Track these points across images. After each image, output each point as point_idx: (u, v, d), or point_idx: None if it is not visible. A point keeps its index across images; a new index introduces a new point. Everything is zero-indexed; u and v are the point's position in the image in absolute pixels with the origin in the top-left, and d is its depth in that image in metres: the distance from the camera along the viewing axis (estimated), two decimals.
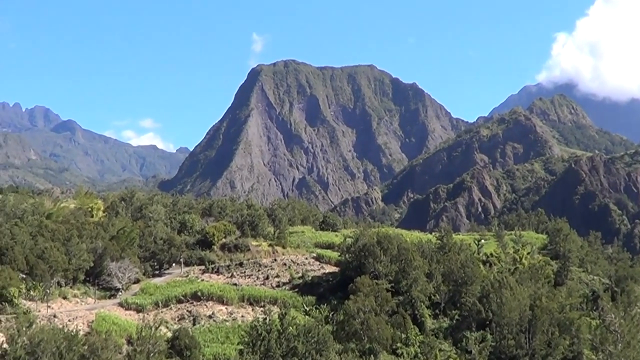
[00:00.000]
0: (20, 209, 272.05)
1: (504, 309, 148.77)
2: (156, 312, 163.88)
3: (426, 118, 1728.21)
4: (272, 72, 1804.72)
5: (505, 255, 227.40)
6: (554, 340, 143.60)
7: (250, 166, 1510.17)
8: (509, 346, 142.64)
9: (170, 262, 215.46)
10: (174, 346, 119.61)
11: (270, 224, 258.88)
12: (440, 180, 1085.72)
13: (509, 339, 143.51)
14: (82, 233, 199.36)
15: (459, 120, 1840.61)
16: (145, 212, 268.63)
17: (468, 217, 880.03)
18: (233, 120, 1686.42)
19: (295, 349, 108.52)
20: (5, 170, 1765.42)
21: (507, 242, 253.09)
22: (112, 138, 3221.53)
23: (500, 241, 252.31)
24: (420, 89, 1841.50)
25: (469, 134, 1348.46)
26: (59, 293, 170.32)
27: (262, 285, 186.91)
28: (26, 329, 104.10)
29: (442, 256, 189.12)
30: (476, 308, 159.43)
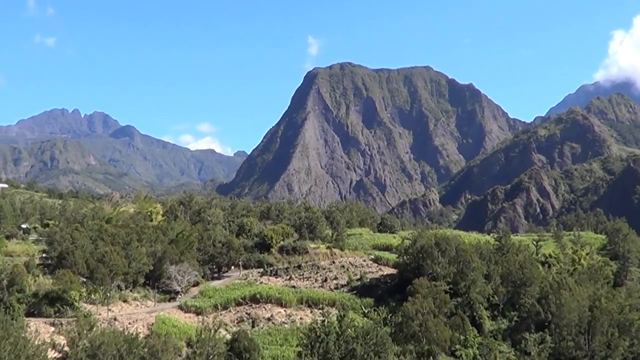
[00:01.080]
0: (81, 214, 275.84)
1: (563, 310, 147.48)
2: (215, 314, 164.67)
3: (483, 119, 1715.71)
4: (328, 75, 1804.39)
5: (564, 256, 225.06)
6: (614, 341, 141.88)
7: (308, 169, 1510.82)
8: (568, 347, 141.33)
9: (229, 265, 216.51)
10: (233, 348, 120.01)
11: (328, 227, 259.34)
12: (498, 181, 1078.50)
13: (568, 340, 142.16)
14: (141, 237, 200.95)
15: (516, 120, 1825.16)
16: (204, 216, 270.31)
17: (526, 217, 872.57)
18: (290, 124, 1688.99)
19: (354, 351, 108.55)
20: (65, 176, 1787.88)
21: (565, 242, 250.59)
22: (170, 143, 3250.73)
23: (559, 242, 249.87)
24: (476, 90, 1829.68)
25: (527, 134, 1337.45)
26: (119, 296, 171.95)
27: (321, 288, 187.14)
28: (87, 332, 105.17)
29: (501, 257, 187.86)
30: (535, 309, 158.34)
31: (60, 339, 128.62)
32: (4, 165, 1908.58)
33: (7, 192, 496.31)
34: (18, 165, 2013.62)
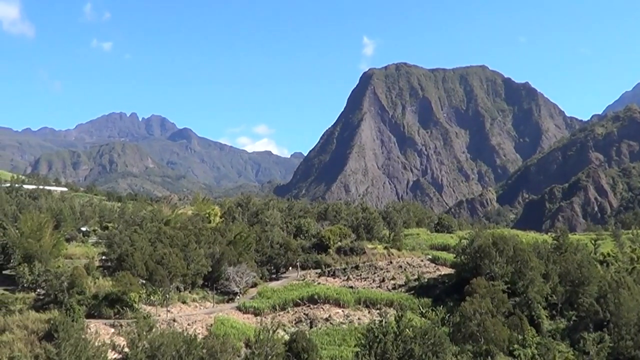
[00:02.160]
0: (139, 216, 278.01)
1: (622, 309, 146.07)
2: (273, 315, 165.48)
3: (539, 117, 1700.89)
4: (383, 75, 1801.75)
5: (623, 254, 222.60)
6: None
7: (364, 169, 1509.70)
8: (627, 347, 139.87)
9: (286, 266, 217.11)
10: (292, 349, 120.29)
11: (386, 227, 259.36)
12: (555, 179, 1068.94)
13: (627, 339, 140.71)
14: (199, 239, 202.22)
15: (573, 118, 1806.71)
16: (262, 217, 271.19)
17: (584, 216, 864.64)
18: (346, 125, 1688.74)
19: (412, 351, 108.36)
20: (124, 179, 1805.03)
21: (624, 241, 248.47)
22: (227, 145, 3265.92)
23: (617, 240, 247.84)
24: (532, 88, 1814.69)
25: (584, 132, 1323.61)
26: (178, 297, 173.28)
27: (378, 288, 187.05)
28: (146, 333, 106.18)
29: (559, 257, 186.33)
30: (593, 309, 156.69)
31: (120, 340, 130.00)
32: (64, 169, 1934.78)
33: (67, 195, 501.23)
34: (77, 169, 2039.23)
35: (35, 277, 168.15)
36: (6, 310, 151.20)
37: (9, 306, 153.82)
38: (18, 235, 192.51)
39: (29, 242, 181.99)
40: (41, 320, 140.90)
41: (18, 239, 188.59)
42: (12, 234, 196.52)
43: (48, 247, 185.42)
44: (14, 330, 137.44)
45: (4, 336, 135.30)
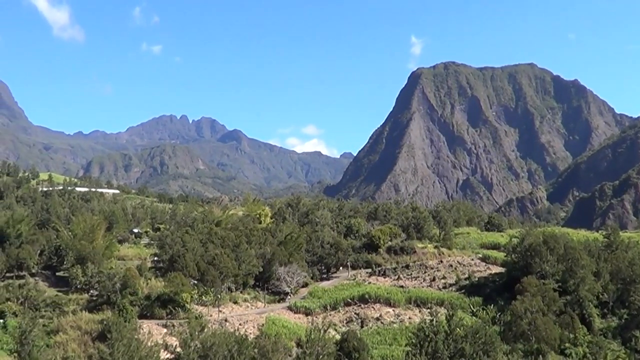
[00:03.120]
0: (191, 217, 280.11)
1: None
2: (324, 315, 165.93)
3: (589, 115, 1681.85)
4: (432, 74, 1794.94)
5: None
6: None
7: (414, 169, 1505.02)
8: None
9: (337, 266, 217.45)
10: (343, 348, 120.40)
11: (436, 226, 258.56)
12: (606, 177, 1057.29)
13: None
14: (250, 239, 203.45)
15: (623, 115, 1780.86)
16: (312, 217, 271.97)
17: (635, 214, 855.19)
18: (395, 124, 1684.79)
19: (463, 350, 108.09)
20: (175, 180, 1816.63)
21: None
22: (277, 146, 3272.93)
23: None
24: (582, 86, 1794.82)
25: (634, 129, 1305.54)
26: (230, 298, 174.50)
27: (429, 287, 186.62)
28: (198, 333, 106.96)
29: (610, 255, 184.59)
30: None
31: (172, 340, 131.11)
32: (115, 172, 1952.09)
33: (119, 197, 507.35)
34: (129, 171, 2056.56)
35: (89, 278, 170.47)
36: (60, 311, 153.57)
37: (63, 307, 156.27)
38: (71, 237, 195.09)
39: (82, 244, 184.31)
40: (94, 320, 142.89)
41: (71, 241, 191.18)
42: (65, 236, 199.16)
43: (101, 249, 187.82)
44: (68, 331, 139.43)
45: (58, 337, 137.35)
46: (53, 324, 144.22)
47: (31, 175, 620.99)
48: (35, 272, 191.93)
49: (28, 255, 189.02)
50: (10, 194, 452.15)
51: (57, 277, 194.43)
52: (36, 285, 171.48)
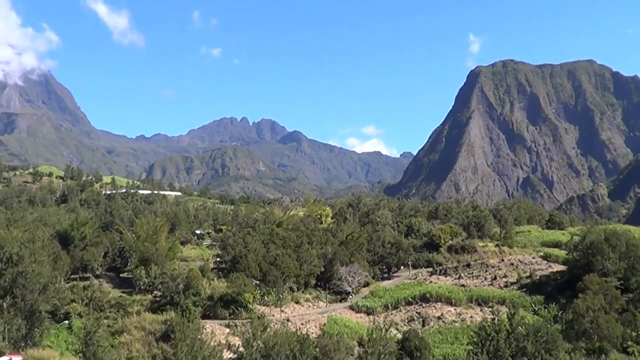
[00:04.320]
0: (252, 219, 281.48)
1: None
2: (386, 314, 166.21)
3: None
4: (490, 73, 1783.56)
5: None
6: None
7: (474, 167, 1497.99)
8: None
9: (398, 265, 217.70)
10: (404, 347, 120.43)
11: (496, 225, 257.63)
12: None
13: None
14: (312, 239, 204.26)
15: None
16: (373, 217, 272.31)
17: None
18: (455, 123, 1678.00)
19: (525, 349, 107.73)
20: (236, 182, 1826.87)
21: None
22: (337, 146, 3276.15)
23: None
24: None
25: None
26: (292, 298, 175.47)
27: (490, 286, 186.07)
28: (261, 332, 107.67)
29: None
30: None
31: (235, 340, 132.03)
32: (177, 174, 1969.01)
33: (181, 199, 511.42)
34: (190, 174, 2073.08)
35: (152, 279, 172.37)
36: (124, 312, 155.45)
37: (127, 308, 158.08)
38: (134, 239, 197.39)
39: (145, 246, 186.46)
40: (158, 321, 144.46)
41: (135, 243, 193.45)
42: (129, 238, 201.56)
43: (164, 250, 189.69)
44: (132, 331, 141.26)
45: (123, 337, 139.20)
46: (117, 324, 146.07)
47: (94, 179, 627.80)
48: (100, 273, 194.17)
49: (92, 257, 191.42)
50: (74, 198, 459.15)
51: (121, 278, 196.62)
52: (100, 287, 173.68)
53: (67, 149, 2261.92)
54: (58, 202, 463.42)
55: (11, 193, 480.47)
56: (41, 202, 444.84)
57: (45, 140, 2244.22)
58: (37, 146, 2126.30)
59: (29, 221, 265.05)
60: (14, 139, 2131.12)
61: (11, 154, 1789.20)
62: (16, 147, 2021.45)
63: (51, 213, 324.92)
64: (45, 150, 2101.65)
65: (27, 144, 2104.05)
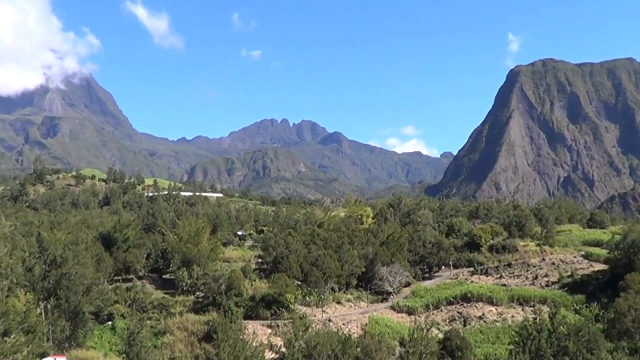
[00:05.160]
0: (293, 219, 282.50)
1: None
2: (427, 314, 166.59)
3: None
4: (530, 72, 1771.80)
5: None
6: None
7: (514, 167, 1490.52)
8: None
9: (439, 265, 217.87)
10: (446, 347, 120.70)
11: (537, 224, 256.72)
12: None
13: None
14: (353, 240, 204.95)
15: None
16: (413, 217, 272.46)
17: None
18: (495, 123, 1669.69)
19: (566, 349, 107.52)
20: (277, 183, 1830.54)
21: None
22: (377, 147, 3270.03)
23: None
24: None
25: None
26: (333, 298, 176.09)
27: (531, 285, 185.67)
28: (303, 333, 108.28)
29: None
30: None
31: (277, 340, 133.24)
32: (219, 176, 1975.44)
33: (223, 201, 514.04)
34: (232, 175, 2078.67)
35: (194, 280, 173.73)
36: (167, 312, 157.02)
37: (170, 309, 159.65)
38: (177, 240, 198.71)
39: (187, 247, 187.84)
40: (200, 322, 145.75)
41: (177, 244, 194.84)
42: (171, 240, 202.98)
43: (206, 252, 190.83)
44: (175, 332, 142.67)
45: (165, 337, 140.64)
46: (160, 325, 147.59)
47: (137, 181, 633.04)
48: (142, 275, 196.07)
49: (135, 259, 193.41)
50: (117, 200, 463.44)
51: (164, 279, 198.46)
52: (143, 288, 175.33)
53: (109, 152, 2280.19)
54: (101, 205, 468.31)
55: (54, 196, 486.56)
56: (84, 205, 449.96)
57: (87, 143, 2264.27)
58: (79, 149, 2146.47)
59: (73, 223, 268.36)
60: (57, 142, 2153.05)
61: (54, 157, 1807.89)
62: (59, 150, 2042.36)
63: (94, 215, 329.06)
64: (87, 154, 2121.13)
65: (70, 148, 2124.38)
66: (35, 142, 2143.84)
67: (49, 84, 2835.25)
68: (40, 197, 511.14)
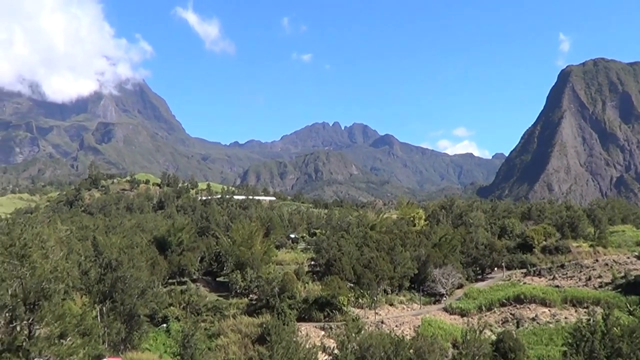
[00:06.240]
0: (346, 222, 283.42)
1: None
2: (480, 315, 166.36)
3: None
4: (581, 71, 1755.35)
5: None
6: None
7: (567, 167, 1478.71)
8: None
9: (492, 267, 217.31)
10: (499, 349, 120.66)
11: (590, 225, 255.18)
12: None
13: None
14: (405, 242, 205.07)
15: None
16: (466, 219, 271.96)
17: None
18: (547, 123, 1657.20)
19: (620, 350, 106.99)
20: (329, 186, 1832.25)
21: None
22: (428, 149, 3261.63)
23: None
24: None
25: None
26: (386, 300, 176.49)
27: (584, 286, 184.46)
28: (355, 334, 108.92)
29: None
30: None
31: (330, 342, 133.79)
32: (271, 179, 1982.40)
33: (275, 204, 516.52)
34: (284, 179, 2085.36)
35: (248, 283, 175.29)
36: (221, 315, 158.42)
37: (224, 311, 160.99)
38: (230, 243, 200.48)
39: (241, 250, 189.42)
40: (254, 324, 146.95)
41: (230, 247, 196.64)
42: (225, 243, 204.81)
43: (259, 254, 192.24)
44: (229, 334, 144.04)
45: (219, 340, 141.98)
46: (214, 327, 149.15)
47: (190, 185, 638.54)
48: (197, 278, 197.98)
49: (189, 262, 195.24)
50: (171, 204, 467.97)
51: (218, 282, 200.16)
52: (197, 291, 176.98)
53: (163, 156, 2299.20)
54: (155, 209, 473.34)
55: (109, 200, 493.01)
56: (139, 209, 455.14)
57: (141, 148, 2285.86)
58: (133, 154, 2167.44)
59: (127, 227, 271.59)
60: (111, 147, 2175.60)
61: (109, 162, 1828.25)
62: (113, 155, 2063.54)
63: (148, 219, 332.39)
64: (141, 159, 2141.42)
65: (124, 153, 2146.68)
66: (90, 148, 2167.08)
67: (103, 91, 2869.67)
68: (95, 201, 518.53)
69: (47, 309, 52.07)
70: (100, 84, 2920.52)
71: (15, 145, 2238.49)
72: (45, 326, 52.91)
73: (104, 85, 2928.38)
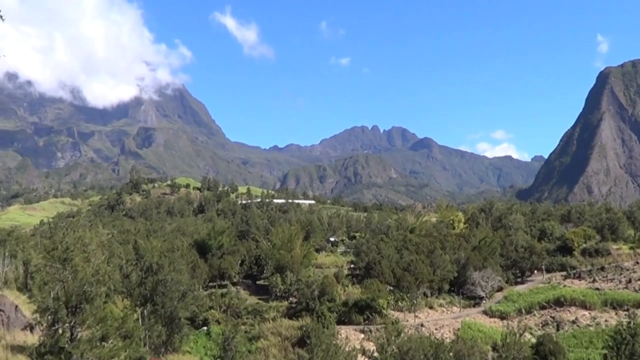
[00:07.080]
0: (385, 225, 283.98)
1: None
2: (520, 318, 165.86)
3: None
4: (620, 73, 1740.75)
5: None
6: None
7: (606, 170, 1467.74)
8: None
9: (531, 269, 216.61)
10: (538, 352, 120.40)
11: (630, 227, 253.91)
12: None
13: None
14: (445, 245, 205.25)
15: None
16: (505, 222, 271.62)
17: None
18: (586, 125, 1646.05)
19: None
20: (368, 189, 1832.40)
21: None
22: (467, 152, 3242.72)
23: None
24: None
25: None
26: (425, 303, 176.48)
27: (625, 289, 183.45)
28: (395, 338, 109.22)
29: None
30: None
31: (369, 345, 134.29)
32: (311, 183, 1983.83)
33: (315, 207, 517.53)
34: (323, 182, 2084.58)
35: (288, 286, 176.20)
36: (261, 318, 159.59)
37: (264, 314, 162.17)
38: (270, 247, 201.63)
39: (280, 254, 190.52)
40: (294, 327, 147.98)
41: (270, 251, 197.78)
42: (265, 246, 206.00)
43: (299, 258, 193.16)
44: (269, 337, 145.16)
45: (260, 342, 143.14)
46: (254, 330, 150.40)
47: (230, 189, 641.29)
48: (237, 281, 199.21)
49: (229, 265, 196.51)
50: (211, 208, 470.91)
51: (258, 285, 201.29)
52: (238, 294, 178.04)
53: (203, 161, 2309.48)
54: (195, 213, 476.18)
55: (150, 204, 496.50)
56: (179, 213, 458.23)
57: (182, 153, 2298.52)
58: (174, 159, 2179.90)
59: (168, 231, 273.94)
60: (152, 152, 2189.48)
61: (149, 167, 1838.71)
62: (154, 160, 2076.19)
63: (189, 223, 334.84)
64: (182, 163, 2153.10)
65: (164, 157, 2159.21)
66: (131, 153, 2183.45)
67: (143, 96, 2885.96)
68: (136, 205, 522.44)
69: (89, 312, 52.99)
70: (140, 89, 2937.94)
71: (57, 150, 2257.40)
72: (87, 329, 53.83)
73: (144, 90, 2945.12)
